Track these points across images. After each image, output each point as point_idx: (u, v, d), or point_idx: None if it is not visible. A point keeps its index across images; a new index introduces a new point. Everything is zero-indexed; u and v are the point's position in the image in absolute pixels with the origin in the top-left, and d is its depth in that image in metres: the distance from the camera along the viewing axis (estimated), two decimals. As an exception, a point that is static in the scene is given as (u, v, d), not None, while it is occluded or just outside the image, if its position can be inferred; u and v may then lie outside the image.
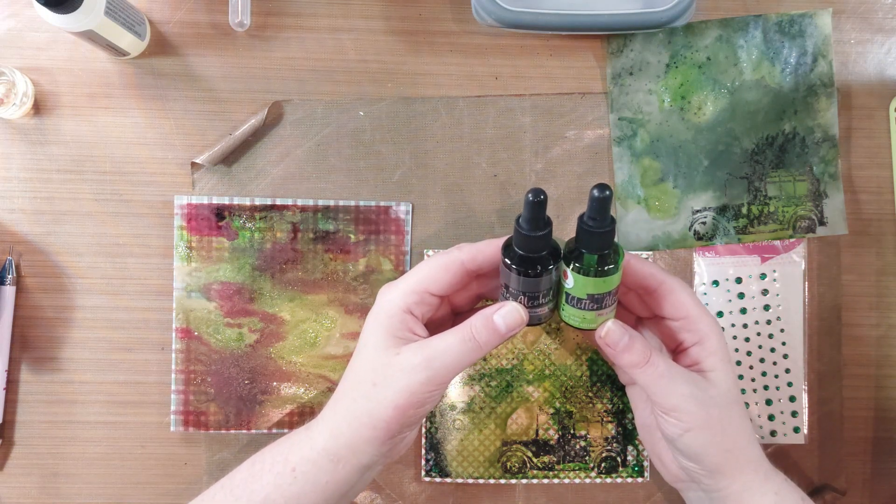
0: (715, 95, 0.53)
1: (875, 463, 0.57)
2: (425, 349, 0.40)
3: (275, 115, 0.55)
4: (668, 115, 0.53)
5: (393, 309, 0.42)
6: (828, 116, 0.53)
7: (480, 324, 0.41)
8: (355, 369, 0.43)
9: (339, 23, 0.56)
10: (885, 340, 0.57)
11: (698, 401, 0.41)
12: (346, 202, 0.55)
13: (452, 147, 0.56)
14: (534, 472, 0.55)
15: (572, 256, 0.39)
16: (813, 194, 0.53)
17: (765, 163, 0.53)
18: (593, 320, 0.42)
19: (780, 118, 0.53)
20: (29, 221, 0.55)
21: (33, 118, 0.55)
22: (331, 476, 0.42)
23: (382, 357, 0.41)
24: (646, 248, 0.54)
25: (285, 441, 0.44)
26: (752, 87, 0.53)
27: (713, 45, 0.53)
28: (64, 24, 0.46)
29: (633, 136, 0.53)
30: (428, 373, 0.40)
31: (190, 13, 0.55)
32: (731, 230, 0.53)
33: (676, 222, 0.54)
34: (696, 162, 0.53)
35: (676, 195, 0.53)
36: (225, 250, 0.55)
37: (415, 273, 0.42)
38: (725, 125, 0.52)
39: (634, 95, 0.53)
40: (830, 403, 0.57)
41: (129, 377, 0.55)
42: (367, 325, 0.43)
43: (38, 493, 0.55)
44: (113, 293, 0.55)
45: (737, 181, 0.53)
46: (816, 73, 0.53)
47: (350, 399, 0.42)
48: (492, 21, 0.52)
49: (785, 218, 0.53)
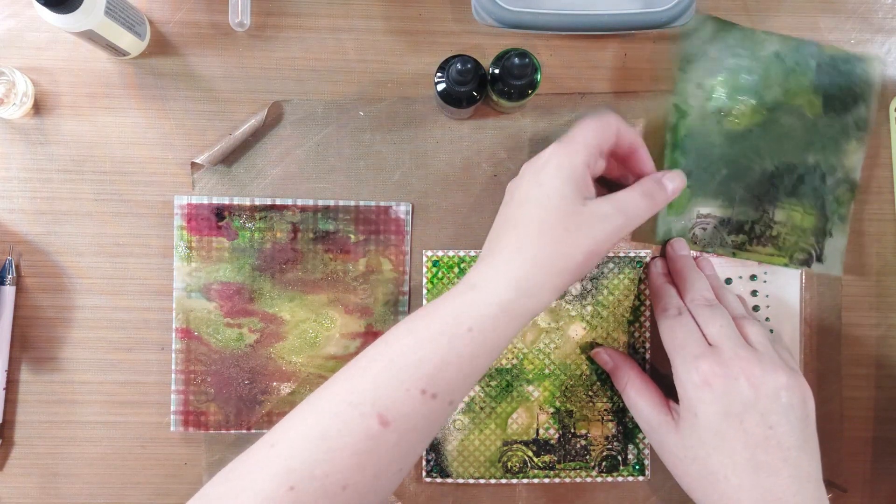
0: (755, 110, 0.53)
1: (875, 463, 0.57)
2: (615, 201, 0.44)
3: (275, 115, 0.55)
4: (708, 114, 0.53)
5: (578, 163, 0.44)
6: (854, 159, 0.53)
7: (655, 185, 0.46)
8: (543, 215, 0.43)
9: (339, 23, 0.56)
10: (885, 340, 0.57)
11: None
12: (346, 202, 0.55)
13: (452, 147, 0.56)
14: (534, 471, 0.55)
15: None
16: (818, 230, 0.53)
17: (780, 187, 0.53)
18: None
19: (807, 149, 0.53)
20: (29, 221, 0.55)
21: (33, 118, 0.55)
22: (506, 330, 0.42)
23: (572, 206, 0.43)
24: (660, 241, 0.54)
25: (446, 303, 0.43)
26: (790, 111, 0.53)
27: (769, 60, 0.53)
28: (64, 24, 0.46)
29: (676, 126, 0.53)
30: (621, 219, 0.44)
31: (190, 13, 0.55)
32: (729, 243, 0.54)
33: (680, 221, 0.54)
34: (716, 168, 0.53)
35: (688, 195, 0.53)
36: (225, 250, 0.55)
37: (587, 134, 0.45)
38: (754, 141, 0.53)
39: (687, 85, 0.53)
40: (830, 403, 0.57)
41: (129, 377, 0.55)
42: (548, 177, 0.44)
43: (38, 493, 0.55)
44: (113, 293, 0.55)
45: (749, 198, 0.53)
46: (854, 116, 0.53)
47: (538, 246, 0.43)
48: (492, 21, 0.52)
49: (785, 245, 0.54)
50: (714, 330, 0.47)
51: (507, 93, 0.51)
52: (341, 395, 0.41)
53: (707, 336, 0.48)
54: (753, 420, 0.44)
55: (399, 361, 0.41)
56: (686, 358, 0.47)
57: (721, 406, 0.45)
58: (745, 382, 0.45)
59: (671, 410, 0.49)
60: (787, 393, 0.45)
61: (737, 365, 0.45)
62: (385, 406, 0.40)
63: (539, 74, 0.51)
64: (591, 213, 0.43)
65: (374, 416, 0.40)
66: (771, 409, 0.44)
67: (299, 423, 0.41)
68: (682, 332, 0.48)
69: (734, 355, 0.46)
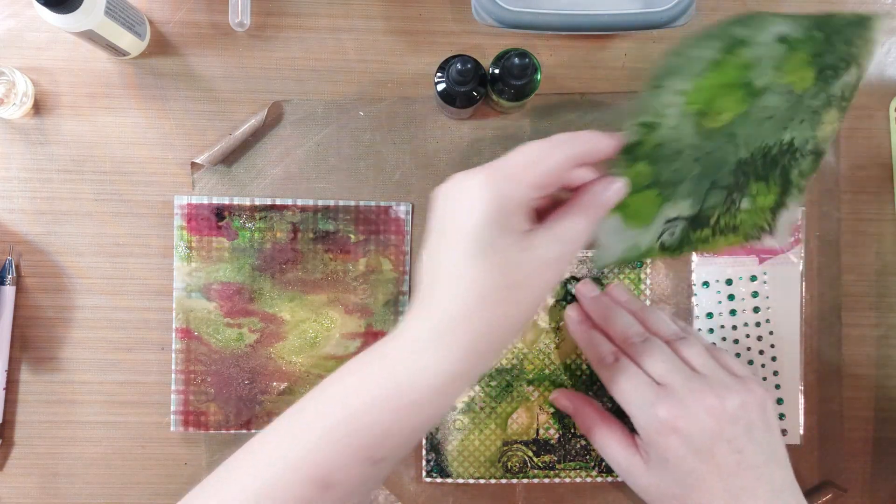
0: (741, 101, 0.43)
1: (875, 463, 0.57)
2: (559, 241, 0.38)
3: (275, 115, 0.55)
4: (685, 118, 0.43)
5: (509, 205, 0.37)
6: (829, 130, 0.46)
7: (591, 198, 0.40)
8: (473, 276, 0.37)
9: (339, 23, 0.56)
10: (885, 340, 0.57)
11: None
12: (346, 202, 0.55)
13: (452, 147, 0.56)
14: (534, 471, 0.55)
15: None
16: (776, 204, 0.47)
17: (750, 174, 0.45)
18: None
19: (784, 127, 0.45)
20: (29, 221, 0.55)
21: (33, 118, 0.55)
22: (457, 394, 0.39)
23: (509, 258, 0.37)
24: (617, 262, 0.46)
25: (393, 365, 0.38)
26: (777, 91, 0.43)
27: (769, 45, 0.42)
28: (64, 24, 0.46)
29: (639, 142, 0.43)
30: (564, 263, 0.39)
31: (190, 13, 0.55)
32: (693, 240, 0.46)
33: (648, 232, 0.45)
34: (688, 169, 0.44)
35: (658, 203, 0.45)
36: (225, 250, 0.55)
37: (529, 161, 0.38)
38: (733, 132, 0.44)
39: (662, 95, 0.42)
40: (830, 403, 0.57)
41: (129, 377, 0.55)
42: (474, 223, 0.37)
43: (38, 493, 0.55)
44: (113, 293, 0.55)
45: (718, 191, 0.45)
46: (842, 82, 0.45)
47: (480, 313, 0.37)
48: (492, 21, 0.52)
49: (744, 227, 0.47)
50: (658, 369, 0.46)
51: (507, 93, 0.51)
52: (281, 453, 0.38)
53: (653, 376, 0.47)
54: (722, 450, 0.44)
55: (345, 425, 0.38)
56: (642, 407, 0.46)
57: (689, 447, 0.44)
58: (706, 415, 0.44)
59: (639, 449, 0.48)
60: (744, 411, 0.44)
61: (693, 400, 0.44)
62: (329, 470, 0.38)
63: (539, 74, 0.51)
64: (534, 264, 0.37)
65: (317, 480, 0.37)
66: (735, 433, 0.44)
67: (239, 478, 0.39)
68: (627, 381, 0.47)
69: (688, 391, 0.45)
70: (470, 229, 0.37)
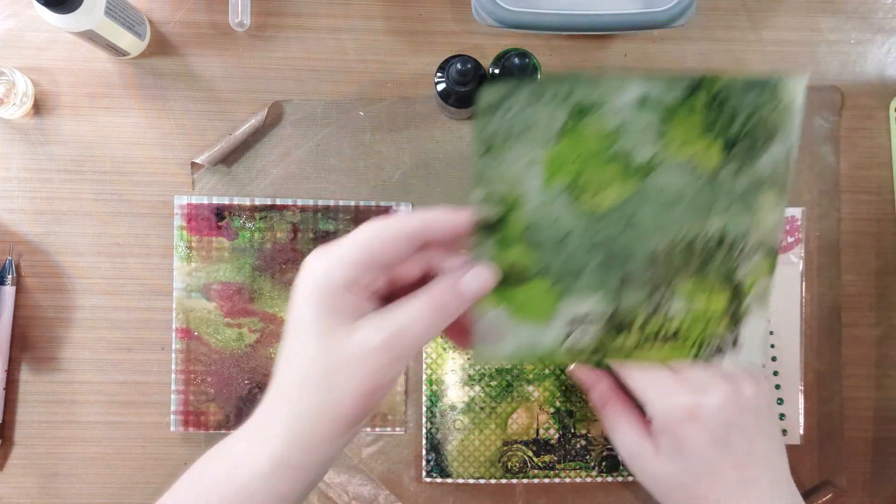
0: (621, 177, 0.39)
1: (875, 463, 0.57)
2: (385, 326, 0.35)
3: (275, 115, 0.55)
4: (553, 195, 0.39)
5: (331, 285, 0.35)
6: (771, 219, 0.39)
7: (449, 291, 0.36)
8: (296, 362, 0.36)
9: (339, 23, 0.56)
10: (885, 340, 0.57)
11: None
12: (346, 202, 0.55)
13: (452, 147, 0.56)
14: (534, 471, 0.55)
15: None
16: (731, 313, 0.41)
17: (674, 269, 0.40)
18: None
19: (706, 213, 0.39)
20: (29, 221, 0.55)
21: (33, 118, 0.55)
22: (289, 485, 0.36)
23: (330, 342, 0.35)
24: (505, 359, 0.42)
25: (223, 457, 0.38)
26: (675, 168, 0.39)
27: (631, 110, 0.38)
28: (64, 24, 0.46)
29: (504, 220, 0.39)
30: (392, 352, 0.35)
31: (190, 13, 0.55)
32: (616, 346, 0.42)
33: (548, 331, 0.41)
34: (583, 258, 0.40)
35: (553, 297, 0.40)
36: (225, 250, 0.55)
37: (353, 240, 0.36)
38: (630, 216, 0.39)
39: (510, 167, 0.38)
40: (830, 403, 0.57)
41: (129, 377, 0.55)
42: (298, 304, 0.36)
43: (38, 493, 0.55)
44: (113, 293, 0.55)
45: (634, 287, 0.40)
46: (769, 159, 0.39)
47: (298, 399, 0.36)
48: (492, 21, 0.52)
49: (691, 336, 0.41)
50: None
51: None
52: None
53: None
54: (737, 439, 0.43)
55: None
56: (659, 394, 0.44)
57: (707, 436, 0.43)
58: (725, 403, 0.43)
59: (651, 436, 0.46)
60: (756, 401, 0.44)
61: (712, 388, 0.43)
62: None
63: (539, 74, 0.51)
64: (356, 348, 0.35)
65: None
66: (748, 423, 0.44)
67: None
68: (642, 369, 0.45)
69: (705, 378, 0.43)
70: (296, 308, 0.36)
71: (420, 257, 0.39)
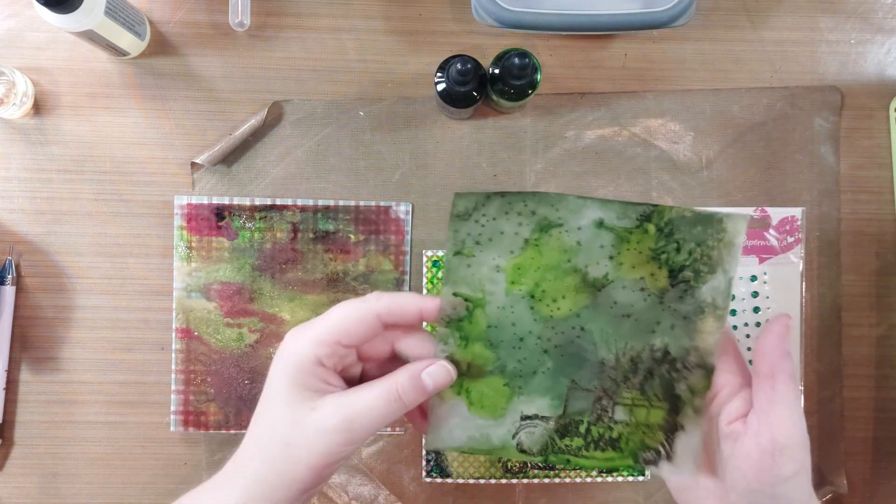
0: (577, 289, 0.42)
1: (875, 463, 0.57)
2: (344, 408, 0.38)
3: (275, 115, 0.55)
4: (514, 300, 0.42)
5: (302, 360, 0.39)
6: (710, 342, 0.42)
7: (408, 383, 0.39)
8: (264, 425, 0.39)
9: (339, 23, 0.56)
10: (885, 340, 0.57)
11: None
12: (346, 202, 0.55)
13: (452, 147, 0.56)
14: (534, 471, 0.55)
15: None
16: (667, 425, 0.43)
17: (619, 379, 0.43)
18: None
19: (651, 331, 0.43)
20: (29, 221, 0.55)
21: (33, 118, 0.55)
22: None
23: (294, 413, 0.38)
24: (458, 448, 0.44)
25: (200, 496, 0.41)
26: (626, 287, 0.42)
27: (589, 230, 0.42)
28: (64, 24, 0.46)
29: (468, 317, 0.42)
30: (347, 434, 0.38)
31: (190, 13, 0.55)
32: (561, 448, 0.44)
33: (500, 426, 0.43)
34: (537, 361, 0.43)
35: (507, 394, 0.43)
36: (225, 250, 0.55)
37: (326, 320, 0.39)
38: (582, 326, 0.43)
39: (478, 269, 0.42)
40: (830, 403, 0.57)
41: (129, 377, 0.55)
42: (273, 374, 0.39)
43: (38, 493, 0.55)
44: (113, 293, 0.55)
45: (581, 393, 0.43)
46: (710, 289, 0.42)
47: (260, 460, 0.39)
48: (492, 21, 0.52)
49: (628, 446, 0.43)
50: None
51: (507, 93, 0.51)
52: None
53: None
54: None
55: None
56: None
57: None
58: None
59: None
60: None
61: None
62: None
63: (539, 74, 0.51)
64: (315, 424, 0.38)
65: None
66: None
67: None
68: None
69: None
70: (271, 379, 0.39)
71: (389, 335, 0.42)
